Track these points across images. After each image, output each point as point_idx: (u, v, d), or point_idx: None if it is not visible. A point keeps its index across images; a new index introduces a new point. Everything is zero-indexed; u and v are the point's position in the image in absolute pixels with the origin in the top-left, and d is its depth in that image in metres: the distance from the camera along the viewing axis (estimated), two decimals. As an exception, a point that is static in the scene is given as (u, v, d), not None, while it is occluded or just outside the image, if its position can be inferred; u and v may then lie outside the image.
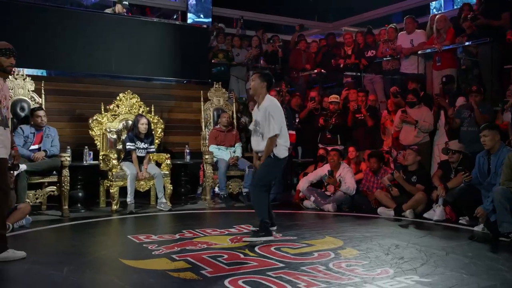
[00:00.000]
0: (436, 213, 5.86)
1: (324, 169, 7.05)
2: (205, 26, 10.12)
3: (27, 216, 5.40)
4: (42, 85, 6.71)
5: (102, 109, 7.11)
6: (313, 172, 7.29)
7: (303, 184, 7.09)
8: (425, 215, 6.03)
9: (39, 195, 6.10)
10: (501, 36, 6.87)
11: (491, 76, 7.05)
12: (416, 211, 6.11)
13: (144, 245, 4.51)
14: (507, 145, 5.41)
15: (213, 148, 7.38)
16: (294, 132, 7.33)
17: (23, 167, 5.70)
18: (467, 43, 7.33)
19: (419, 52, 7.94)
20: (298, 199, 7.17)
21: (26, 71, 6.90)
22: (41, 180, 6.13)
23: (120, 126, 7.18)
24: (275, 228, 4.87)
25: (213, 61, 9.24)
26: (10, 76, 6.51)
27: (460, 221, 5.71)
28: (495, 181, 5.11)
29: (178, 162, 7.44)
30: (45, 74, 7.67)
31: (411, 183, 6.25)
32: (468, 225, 5.51)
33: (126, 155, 6.74)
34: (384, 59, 8.50)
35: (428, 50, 7.81)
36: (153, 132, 7.08)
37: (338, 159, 6.93)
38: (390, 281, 3.40)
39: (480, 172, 5.39)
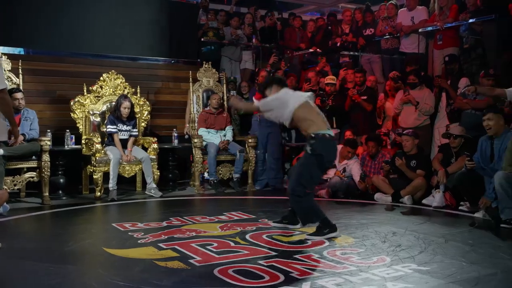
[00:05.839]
0: (435, 199, 5.91)
1: None
2: (194, 2, 10.01)
3: (5, 203, 5.37)
4: (20, 64, 6.63)
5: (85, 90, 7.05)
6: None
7: None
8: (424, 201, 6.09)
9: (17, 181, 6.05)
10: (507, 13, 6.87)
11: (495, 55, 7.06)
12: (415, 197, 6.16)
13: (129, 233, 4.51)
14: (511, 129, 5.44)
15: (202, 131, 7.36)
16: None
17: (-1, 151, 5.68)
18: (470, 20, 7.32)
19: (420, 30, 7.92)
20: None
21: (2, 49, 6.81)
22: (20, 166, 6.08)
23: (104, 108, 7.14)
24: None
25: (202, 39, 9.16)
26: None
27: (460, 207, 5.77)
28: (499, 167, 5.13)
29: (166, 146, 7.42)
30: (22, 52, 7.58)
31: (411, 168, 6.29)
32: (469, 211, 5.57)
33: (109, 139, 6.72)
34: (383, 37, 8.47)
35: (430, 28, 7.79)
36: (136, 116, 7.07)
37: (352, 155, 6.89)
38: (387, 269, 3.43)
39: (482, 157, 5.42)
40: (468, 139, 6.01)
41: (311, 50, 9.40)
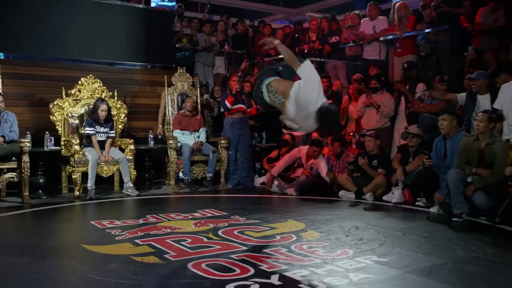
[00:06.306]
0: (394, 195, 6.04)
1: (301, 151, 7.09)
2: (169, 10, 9.97)
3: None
4: (-1, 68, 6.52)
5: (63, 94, 6.96)
6: (288, 154, 7.21)
7: (279, 168, 7.08)
8: (384, 197, 6.21)
9: (-3, 181, 5.95)
10: (458, 24, 7.09)
11: (449, 63, 7.28)
12: (376, 194, 6.28)
13: (107, 230, 4.49)
14: (462, 130, 5.64)
15: (177, 133, 7.35)
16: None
17: (-20, 153, 5.56)
18: (426, 30, 7.52)
19: (381, 38, 8.09)
20: (270, 183, 7.08)
21: (-18, 54, 6.68)
22: (0, 167, 5.96)
23: (82, 111, 7.06)
24: None
25: (177, 45, 9.15)
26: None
27: (417, 203, 5.92)
28: (451, 165, 5.29)
29: (142, 148, 7.38)
30: (2, 57, 7.44)
31: (372, 167, 6.42)
32: (425, 206, 5.72)
33: (87, 141, 6.66)
34: (347, 45, 8.61)
35: (390, 37, 7.97)
36: (113, 118, 7.02)
37: (318, 154, 6.96)
38: (350, 261, 3.52)
39: (436, 156, 5.59)
40: (424, 139, 6.18)
41: (280, 56, 9.46)
